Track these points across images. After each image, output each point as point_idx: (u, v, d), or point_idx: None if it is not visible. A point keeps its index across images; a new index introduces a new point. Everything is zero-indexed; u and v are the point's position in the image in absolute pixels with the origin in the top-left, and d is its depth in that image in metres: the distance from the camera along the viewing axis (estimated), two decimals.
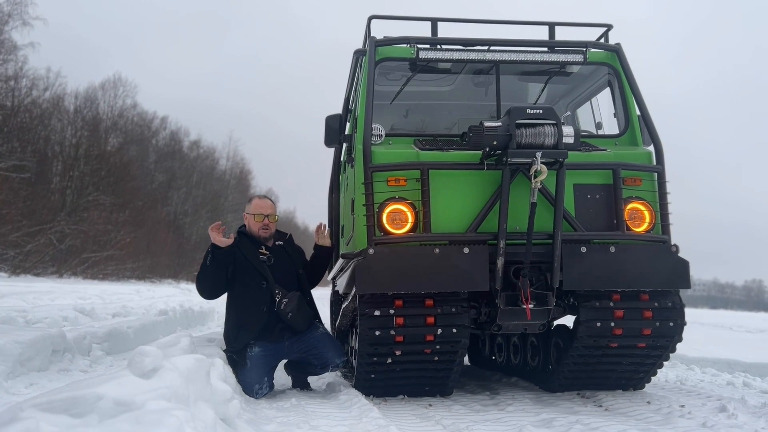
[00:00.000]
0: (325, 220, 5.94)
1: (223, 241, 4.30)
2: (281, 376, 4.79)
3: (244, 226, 4.65)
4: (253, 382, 4.19)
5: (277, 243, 4.64)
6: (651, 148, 4.45)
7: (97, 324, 6.97)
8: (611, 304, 4.09)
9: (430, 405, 4.10)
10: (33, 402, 2.07)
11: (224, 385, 3.16)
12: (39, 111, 28.41)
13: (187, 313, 9.93)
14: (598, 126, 5.03)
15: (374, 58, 4.48)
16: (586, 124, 5.19)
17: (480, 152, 4.03)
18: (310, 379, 4.82)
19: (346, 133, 5.17)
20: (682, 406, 3.97)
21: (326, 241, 4.85)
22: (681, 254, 4.12)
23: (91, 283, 22.87)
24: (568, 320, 4.43)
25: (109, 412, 2.06)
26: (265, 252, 4.53)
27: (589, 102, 5.22)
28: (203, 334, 6.20)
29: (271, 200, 4.73)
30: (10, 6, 24.58)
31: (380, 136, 4.34)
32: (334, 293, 5.78)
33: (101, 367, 5.36)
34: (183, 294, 17.95)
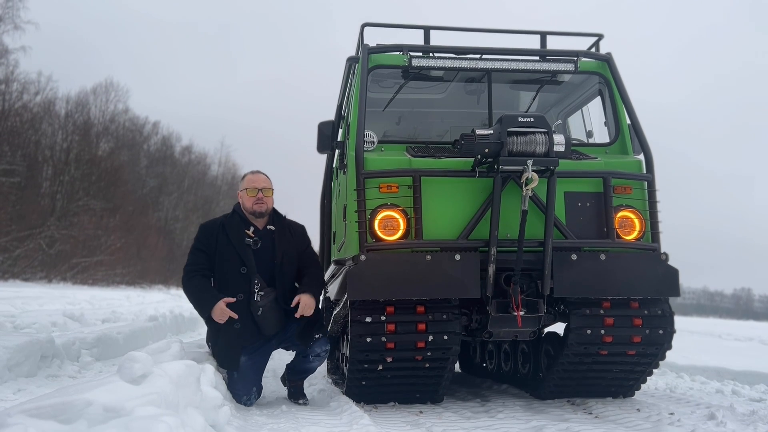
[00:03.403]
0: (316, 227, 5.90)
1: (221, 318, 4.08)
2: (272, 382, 4.76)
3: (239, 204, 4.38)
4: (241, 394, 4.13)
5: (268, 227, 4.30)
6: (641, 156, 4.49)
7: (87, 329, 6.93)
8: (601, 311, 4.10)
9: (421, 412, 4.09)
10: (21, 408, 2.06)
11: (214, 391, 3.15)
12: (30, 115, 28.31)
13: (177, 319, 9.89)
14: (589, 134, 5.07)
15: (367, 66, 4.50)
16: (577, 133, 5.22)
17: (472, 160, 4.05)
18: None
19: (339, 139, 5.18)
20: (672, 413, 3.99)
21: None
22: (670, 262, 4.16)
23: (80, 288, 22.71)
24: (559, 327, 4.44)
25: (98, 418, 2.05)
26: (252, 235, 4.23)
27: (580, 111, 5.26)
28: (193, 340, 6.16)
29: (264, 174, 4.40)
30: (2, 10, 24.54)
31: (373, 142, 4.36)
32: (326, 299, 5.76)
33: (90, 372, 5.33)
34: (173, 300, 17.87)
